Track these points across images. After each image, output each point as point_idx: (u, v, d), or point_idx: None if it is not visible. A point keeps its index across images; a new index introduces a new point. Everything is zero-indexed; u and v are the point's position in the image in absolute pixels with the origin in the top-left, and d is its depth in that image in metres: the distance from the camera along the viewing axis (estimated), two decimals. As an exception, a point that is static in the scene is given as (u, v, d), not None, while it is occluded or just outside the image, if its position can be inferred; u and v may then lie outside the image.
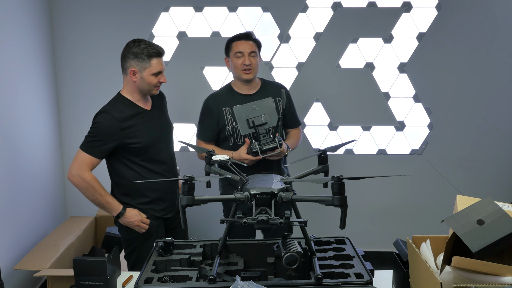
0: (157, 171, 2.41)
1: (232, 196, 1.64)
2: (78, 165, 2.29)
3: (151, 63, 2.31)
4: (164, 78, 2.37)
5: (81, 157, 2.30)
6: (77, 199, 3.72)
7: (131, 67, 2.33)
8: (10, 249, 2.90)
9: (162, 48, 2.36)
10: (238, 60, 2.56)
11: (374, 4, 3.46)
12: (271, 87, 2.71)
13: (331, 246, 1.94)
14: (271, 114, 2.36)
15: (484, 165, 3.63)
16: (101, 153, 2.30)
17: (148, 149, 2.36)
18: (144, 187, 2.38)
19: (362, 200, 3.68)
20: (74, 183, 2.32)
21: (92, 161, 2.30)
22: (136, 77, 2.33)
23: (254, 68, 2.58)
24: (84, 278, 1.79)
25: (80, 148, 2.31)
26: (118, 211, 2.35)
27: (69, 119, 3.62)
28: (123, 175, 2.38)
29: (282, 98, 2.60)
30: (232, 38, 2.63)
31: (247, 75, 2.57)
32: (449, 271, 1.52)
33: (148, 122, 2.38)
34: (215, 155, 1.91)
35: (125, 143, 2.31)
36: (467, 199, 1.69)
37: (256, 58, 2.59)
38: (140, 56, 2.31)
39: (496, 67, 3.50)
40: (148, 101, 2.45)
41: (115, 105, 2.35)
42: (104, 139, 2.28)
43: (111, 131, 2.27)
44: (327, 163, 2.05)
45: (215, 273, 1.65)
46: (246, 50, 2.55)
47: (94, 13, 3.47)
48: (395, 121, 3.61)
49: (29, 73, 3.22)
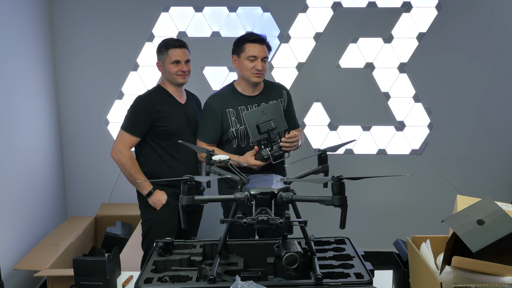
0: (177, 158, 2.62)
1: (232, 196, 1.64)
2: (119, 143, 2.57)
3: (168, 53, 2.59)
4: (184, 66, 2.60)
5: (122, 136, 2.58)
6: (77, 199, 3.73)
7: (158, 61, 2.66)
8: (10, 249, 2.90)
9: (181, 41, 2.64)
10: (250, 63, 2.50)
11: (374, 4, 3.46)
12: (273, 88, 2.69)
13: (331, 246, 1.94)
14: (278, 119, 2.36)
15: (484, 165, 3.63)
16: (139, 131, 2.56)
17: (173, 136, 2.57)
18: (161, 171, 2.60)
19: (362, 200, 3.68)
20: (114, 159, 2.59)
21: (131, 140, 2.57)
22: (162, 69, 2.64)
23: (264, 73, 2.56)
24: (84, 278, 1.79)
25: (121, 128, 2.59)
26: (148, 190, 2.60)
27: (69, 119, 3.62)
28: (148, 155, 2.63)
29: (283, 99, 2.58)
30: (245, 38, 2.54)
31: (258, 78, 2.52)
32: (449, 271, 1.52)
33: (178, 113, 2.62)
34: (215, 155, 1.91)
35: (156, 125, 2.56)
36: (467, 199, 1.69)
37: (266, 63, 2.56)
38: (160, 49, 2.62)
39: (496, 67, 3.50)
40: (182, 96, 2.70)
41: (152, 91, 2.66)
42: (141, 118, 2.56)
43: (147, 110, 2.55)
44: (327, 163, 2.05)
45: (215, 273, 1.65)
46: (260, 55, 2.50)
47: (94, 13, 3.47)
48: (395, 121, 3.61)
49: (29, 73, 3.22)
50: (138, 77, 3.57)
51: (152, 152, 2.62)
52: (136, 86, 3.55)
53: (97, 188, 3.68)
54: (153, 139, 2.60)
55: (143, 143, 2.62)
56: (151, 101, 2.58)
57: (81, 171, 3.69)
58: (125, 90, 3.59)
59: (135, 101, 2.61)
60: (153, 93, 2.64)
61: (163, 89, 2.66)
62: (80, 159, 3.67)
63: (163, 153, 2.61)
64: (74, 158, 3.68)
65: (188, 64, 2.63)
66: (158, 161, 2.61)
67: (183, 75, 2.60)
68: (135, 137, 2.57)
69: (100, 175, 3.64)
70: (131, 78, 3.58)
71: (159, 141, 2.60)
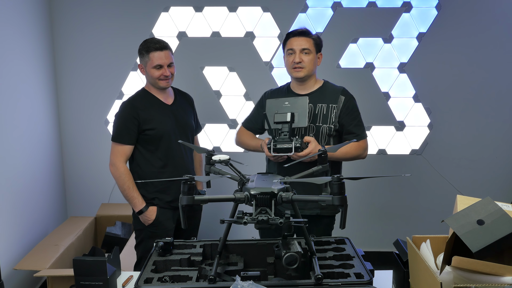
0: (169, 162, 2.56)
1: (232, 196, 1.64)
2: (113, 156, 2.52)
3: (150, 57, 2.46)
4: (167, 71, 2.48)
5: (113, 148, 2.52)
6: (77, 199, 3.73)
7: (139, 63, 2.55)
8: (10, 249, 2.90)
9: (162, 43, 2.48)
10: (290, 57, 2.41)
11: (374, 4, 3.46)
12: (330, 91, 2.47)
13: (331, 246, 1.94)
14: (301, 114, 2.25)
15: (484, 165, 3.63)
16: (128, 139, 2.50)
17: (162, 139, 2.52)
18: (153, 176, 2.53)
19: (362, 200, 3.68)
20: (111, 173, 2.54)
21: (123, 149, 2.51)
22: (144, 72, 2.54)
23: (307, 66, 2.38)
24: (84, 278, 1.79)
25: (111, 140, 2.52)
26: (139, 208, 2.53)
27: (69, 119, 3.62)
28: (137, 162, 2.57)
29: (336, 105, 2.42)
30: (287, 34, 2.48)
31: (297, 73, 2.39)
32: (449, 271, 1.52)
33: (164, 115, 2.54)
34: (215, 155, 1.91)
35: (142, 130, 2.50)
36: (467, 199, 1.69)
37: (310, 55, 2.39)
38: (142, 52, 2.50)
39: (496, 67, 3.50)
40: (169, 96, 2.61)
41: (135, 96, 2.58)
42: (126, 125, 2.48)
43: (131, 116, 2.48)
44: (327, 163, 2.04)
45: (214, 273, 1.65)
46: (297, 47, 2.38)
47: (94, 12, 3.47)
48: (395, 121, 3.61)
49: (29, 73, 3.22)
50: (138, 77, 3.57)
51: (141, 158, 2.55)
52: (136, 86, 3.53)
53: (97, 188, 3.68)
54: (142, 145, 2.54)
55: (134, 150, 2.56)
56: (134, 106, 2.50)
57: (81, 171, 3.69)
58: (125, 90, 3.59)
59: (119, 108, 2.54)
60: (136, 97, 2.56)
61: (147, 92, 2.57)
62: (80, 159, 3.67)
63: (153, 159, 2.54)
64: (74, 158, 3.68)
65: (172, 67, 2.51)
66: (149, 167, 2.54)
67: (166, 79, 2.49)
68: (125, 145, 2.50)
69: (100, 175, 3.64)
70: (131, 78, 3.58)
71: (148, 146, 2.54)
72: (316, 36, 2.46)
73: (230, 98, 3.63)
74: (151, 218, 2.55)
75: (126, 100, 2.57)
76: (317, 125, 2.41)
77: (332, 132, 2.41)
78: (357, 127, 2.47)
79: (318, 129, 2.41)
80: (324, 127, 2.41)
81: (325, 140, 2.43)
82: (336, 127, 2.42)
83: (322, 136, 2.42)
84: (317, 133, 2.41)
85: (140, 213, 2.54)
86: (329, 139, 2.43)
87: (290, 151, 2.19)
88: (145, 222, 2.56)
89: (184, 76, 3.53)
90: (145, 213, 2.54)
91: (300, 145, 2.20)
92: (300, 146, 2.20)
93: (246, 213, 1.60)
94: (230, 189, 2.54)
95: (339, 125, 2.43)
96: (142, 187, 2.57)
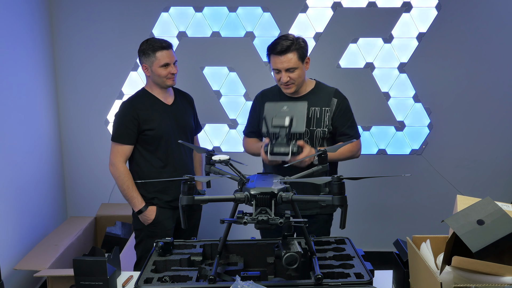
0: (168, 162, 2.58)
1: (232, 196, 1.64)
2: (112, 156, 2.55)
3: (157, 56, 2.49)
4: (174, 69, 2.53)
5: (113, 148, 2.55)
6: (77, 199, 3.73)
7: (143, 63, 2.55)
8: (10, 249, 2.90)
9: (166, 41, 2.54)
10: (277, 75, 2.36)
11: (374, 4, 3.46)
12: (323, 94, 2.44)
13: (331, 246, 1.94)
14: (299, 119, 2.21)
15: (484, 165, 3.63)
16: (127, 139, 2.52)
17: (161, 139, 2.54)
18: (152, 176, 2.56)
19: (362, 200, 3.68)
20: (111, 172, 2.56)
21: (123, 149, 2.53)
22: (149, 72, 2.55)
23: (296, 81, 2.34)
24: (84, 278, 1.79)
25: (111, 140, 2.55)
26: (139, 208, 2.56)
27: (69, 119, 3.62)
28: (137, 162, 2.59)
29: (330, 108, 2.40)
30: (269, 47, 2.35)
31: (288, 89, 2.37)
32: (449, 271, 1.52)
33: (164, 115, 2.56)
34: (215, 155, 1.91)
35: (142, 130, 2.52)
36: (467, 199, 1.69)
37: (296, 71, 2.31)
38: (147, 52, 2.51)
39: (496, 67, 3.49)
40: (169, 96, 2.64)
41: (135, 96, 2.61)
42: (126, 125, 2.50)
43: (130, 116, 2.50)
44: (327, 163, 2.04)
45: (214, 273, 1.65)
46: (282, 68, 2.31)
47: (94, 12, 3.47)
48: (395, 121, 3.61)
49: (29, 73, 3.22)
50: (138, 77, 3.57)
51: (141, 158, 2.58)
52: (136, 86, 3.53)
53: (97, 188, 3.68)
54: (142, 145, 2.56)
55: (133, 150, 2.58)
56: (134, 106, 2.53)
57: (81, 171, 3.69)
58: (125, 90, 3.59)
59: (119, 108, 2.57)
60: (135, 98, 2.59)
61: (147, 92, 2.60)
62: (80, 159, 3.67)
63: (152, 159, 2.57)
64: (74, 158, 3.68)
65: (176, 66, 2.57)
66: (148, 167, 2.57)
67: (173, 77, 2.55)
68: (125, 145, 2.53)
69: (100, 175, 3.63)
70: (131, 78, 3.58)
71: (148, 146, 2.56)
72: (298, 45, 2.31)
73: (230, 98, 3.63)
74: (151, 218, 2.57)
75: (126, 100, 2.60)
76: (311, 129, 2.40)
77: (326, 135, 2.41)
78: (351, 128, 2.46)
79: (312, 133, 2.40)
80: (318, 130, 2.40)
81: (319, 143, 2.42)
82: (330, 130, 2.42)
83: (316, 139, 2.41)
84: (312, 137, 2.40)
85: (139, 212, 2.57)
86: (323, 142, 2.43)
87: (287, 155, 2.17)
88: (145, 221, 2.59)
89: (184, 76, 3.52)
90: (144, 212, 2.57)
91: (296, 150, 2.18)
92: (296, 151, 2.18)
93: (246, 213, 1.60)
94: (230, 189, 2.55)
95: (332, 128, 2.42)
96: (141, 187, 2.58)
